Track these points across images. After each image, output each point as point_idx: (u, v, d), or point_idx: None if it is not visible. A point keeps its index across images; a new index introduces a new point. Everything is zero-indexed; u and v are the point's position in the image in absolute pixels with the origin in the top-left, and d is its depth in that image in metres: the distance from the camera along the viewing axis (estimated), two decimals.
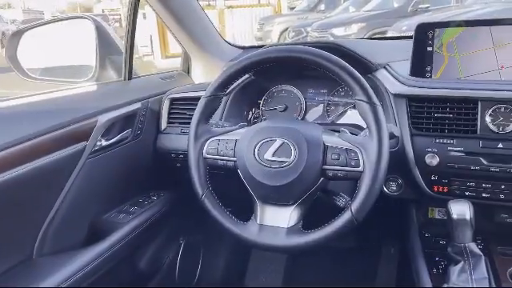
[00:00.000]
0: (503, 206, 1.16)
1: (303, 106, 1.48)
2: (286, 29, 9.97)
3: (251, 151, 1.04)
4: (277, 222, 1.04)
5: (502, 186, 1.11)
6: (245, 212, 1.10)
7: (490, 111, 1.11)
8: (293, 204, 1.04)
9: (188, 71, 1.78)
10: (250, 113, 1.54)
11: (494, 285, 1.00)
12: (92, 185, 1.28)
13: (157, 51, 9.73)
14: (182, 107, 1.50)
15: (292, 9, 13.46)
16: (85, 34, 1.49)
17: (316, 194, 1.05)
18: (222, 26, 11.23)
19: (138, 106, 1.43)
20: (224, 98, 1.39)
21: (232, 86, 1.34)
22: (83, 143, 1.22)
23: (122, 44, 1.50)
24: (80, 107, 1.25)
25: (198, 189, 1.10)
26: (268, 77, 1.49)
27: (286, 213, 1.04)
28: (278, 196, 1.04)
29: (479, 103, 1.12)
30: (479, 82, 1.14)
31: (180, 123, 1.50)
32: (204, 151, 1.11)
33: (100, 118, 1.27)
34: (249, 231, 1.05)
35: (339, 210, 1.00)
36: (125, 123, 1.39)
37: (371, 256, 1.75)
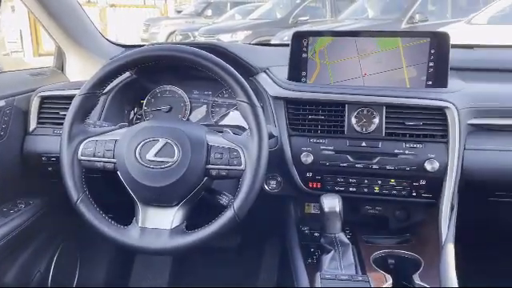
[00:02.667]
0: (367, 198, 1.29)
1: (188, 107, 1.47)
2: (174, 32, 9.86)
3: (132, 152, 1.01)
4: (159, 223, 1.02)
5: (366, 181, 1.24)
6: (127, 216, 1.05)
7: (355, 113, 1.23)
8: (176, 205, 1.03)
9: (62, 68, 1.65)
10: (132, 113, 1.48)
11: (359, 270, 1.11)
12: None
13: (28, 48, 8.82)
14: (54, 106, 1.39)
15: (179, 12, 13.37)
16: None
17: (200, 194, 1.06)
18: (103, 24, 10.65)
19: (1, 104, 1.28)
20: (103, 96, 1.33)
21: (111, 85, 1.28)
22: None
23: None
24: None
25: (72, 193, 1.02)
26: (151, 76, 1.46)
27: (169, 214, 1.03)
28: (161, 197, 1.02)
29: (346, 106, 1.24)
30: (346, 87, 1.26)
31: (52, 124, 1.38)
32: (79, 153, 1.04)
33: None
34: (129, 235, 1.01)
35: (223, 209, 1.02)
36: None
37: (255, 252, 1.81)
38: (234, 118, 1.44)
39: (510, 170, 1.22)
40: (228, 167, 1.01)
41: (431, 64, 1.23)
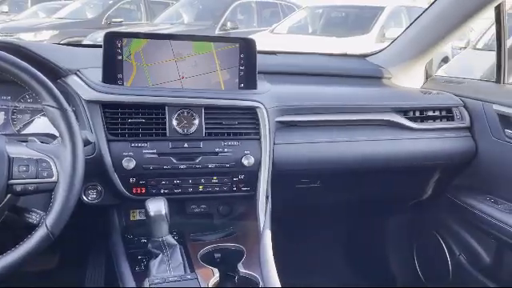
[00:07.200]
0: (192, 198, 1.33)
1: None
2: None
3: None
4: None
5: (190, 181, 1.27)
6: None
7: (176, 115, 1.25)
8: None
9: None
10: None
11: (188, 268, 1.13)
12: None
13: None
14: None
15: None
16: None
17: (3, 214, 0.94)
18: None
19: None
20: None
21: None
22: None
23: None
24: None
25: None
26: None
27: None
28: None
29: (166, 108, 1.25)
30: (165, 90, 1.27)
31: None
32: None
33: None
34: None
35: (33, 228, 0.92)
36: None
37: (78, 269, 1.66)
38: (40, 125, 1.30)
39: (311, 159, 1.42)
40: (36, 180, 0.92)
41: (242, 68, 1.32)
